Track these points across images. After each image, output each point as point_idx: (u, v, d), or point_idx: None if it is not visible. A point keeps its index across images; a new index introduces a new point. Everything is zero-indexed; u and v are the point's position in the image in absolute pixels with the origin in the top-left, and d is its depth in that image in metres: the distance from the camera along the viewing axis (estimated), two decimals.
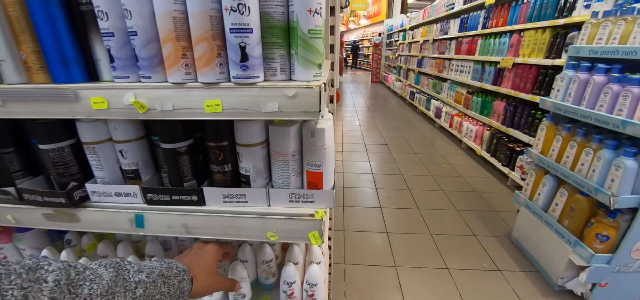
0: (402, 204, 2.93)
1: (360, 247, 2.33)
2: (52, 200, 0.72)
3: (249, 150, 0.68)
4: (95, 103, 0.60)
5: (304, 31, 0.55)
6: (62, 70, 0.63)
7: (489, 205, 2.92)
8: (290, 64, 0.60)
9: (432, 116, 5.57)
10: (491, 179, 3.42)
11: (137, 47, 0.57)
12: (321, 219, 0.68)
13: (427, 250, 2.33)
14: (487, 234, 2.51)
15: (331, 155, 0.69)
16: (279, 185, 0.71)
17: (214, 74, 0.57)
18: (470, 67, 4.22)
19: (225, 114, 0.57)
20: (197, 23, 0.53)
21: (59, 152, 0.71)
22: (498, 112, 3.57)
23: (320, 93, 0.55)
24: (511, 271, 2.16)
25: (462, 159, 3.99)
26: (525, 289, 1.96)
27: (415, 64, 6.95)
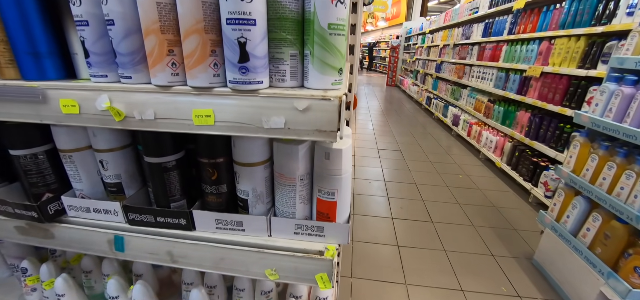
0: (414, 216, 2.76)
1: (369, 260, 2.19)
2: (24, 213, 0.63)
3: (248, 170, 0.56)
4: (65, 106, 0.49)
5: (322, 25, 0.43)
6: (33, 63, 0.53)
7: (508, 222, 2.72)
8: (303, 67, 0.48)
9: (449, 123, 5.35)
10: (511, 194, 3.20)
11: (115, 39, 0.46)
12: (332, 259, 0.55)
13: (441, 268, 2.16)
14: (506, 255, 2.32)
15: (348, 181, 0.56)
16: (282, 214, 0.59)
17: (206, 77, 0.45)
18: (493, 74, 3.99)
19: (218, 127, 0.45)
20: (187, 11, 0.42)
21: (33, 158, 0.61)
22: (522, 123, 3.34)
23: (340, 106, 0.42)
24: (532, 298, 1.97)
25: (479, 170, 3.77)
26: None
27: (434, 68, 6.72)
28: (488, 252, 2.33)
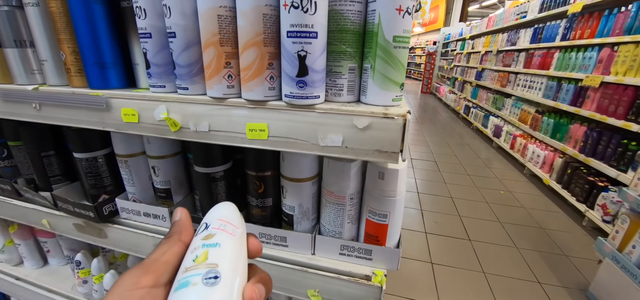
0: (450, 232, 2.60)
1: (400, 276, 2.09)
2: (82, 212, 0.66)
3: (295, 186, 0.54)
4: (126, 115, 0.51)
5: (387, 38, 0.40)
6: (98, 73, 0.56)
7: (557, 247, 2.46)
8: (361, 81, 0.45)
9: (489, 134, 5.01)
10: (561, 216, 2.90)
11: (175, 51, 0.47)
12: (380, 286, 0.51)
13: (479, 291, 2.00)
14: (554, 283, 2.09)
15: (401, 204, 0.52)
16: (328, 232, 0.56)
17: (262, 90, 0.44)
18: (542, 83, 3.67)
19: (271, 142, 0.44)
20: (247, 23, 0.41)
21: (93, 162, 0.65)
22: (576, 138, 3.02)
23: (405, 126, 0.38)
24: None
25: (524, 187, 3.48)
26: None
27: (474, 76, 6.36)
28: (534, 279, 2.12)
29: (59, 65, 0.61)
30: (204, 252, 0.23)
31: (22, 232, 0.96)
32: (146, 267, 0.23)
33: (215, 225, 0.25)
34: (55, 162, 0.72)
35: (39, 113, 0.60)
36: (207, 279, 0.20)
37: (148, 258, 0.24)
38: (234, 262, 0.23)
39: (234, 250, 0.24)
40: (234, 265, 0.23)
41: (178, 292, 0.20)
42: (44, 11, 0.57)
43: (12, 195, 0.77)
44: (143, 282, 0.22)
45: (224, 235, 0.25)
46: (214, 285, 0.20)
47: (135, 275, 0.22)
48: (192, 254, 0.23)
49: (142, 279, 0.22)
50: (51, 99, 0.57)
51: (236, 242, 0.25)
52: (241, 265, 0.24)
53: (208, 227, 0.25)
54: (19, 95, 0.61)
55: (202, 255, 0.22)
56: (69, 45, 0.57)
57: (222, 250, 0.23)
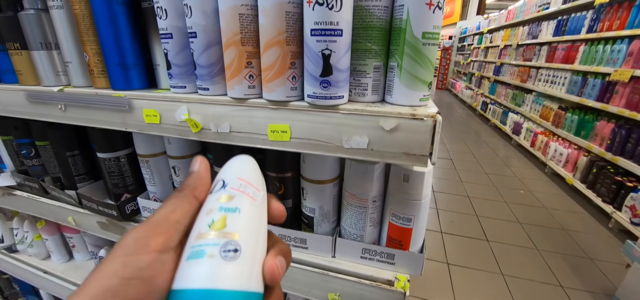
0: (467, 232, 2.53)
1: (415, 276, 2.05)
2: (106, 211, 0.68)
3: (317, 188, 0.53)
4: (148, 116, 0.51)
5: (415, 34, 0.37)
6: (121, 74, 0.57)
7: (581, 249, 2.35)
8: (386, 80, 0.43)
9: (508, 131, 4.84)
10: (585, 217, 2.77)
11: (196, 51, 0.47)
12: (403, 292, 0.50)
13: (497, 293, 1.94)
14: (578, 288, 2.00)
15: (426, 208, 0.50)
16: (349, 235, 0.55)
17: (284, 90, 0.43)
18: (565, 77, 3.50)
19: (294, 144, 0.43)
20: (269, 22, 0.39)
21: (116, 161, 0.66)
22: (602, 135, 2.88)
23: (435, 128, 0.36)
24: None
25: (545, 186, 3.34)
26: None
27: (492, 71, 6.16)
28: (556, 282, 2.04)
29: (82, 66, 0.62)
30: (222, 217, 0.20)
31: (50, 228, 1.00)
32: (154, 227, 0.19)
33: (234, 185, 0.22)
34: (80, 162, 0.73)
35: (64, 114, 0.61)
36: (226, 252, 0.18)
37: (156, 215, 0.21)
38: (255, 232, 0.21)
39: (255, 218, 0.21)
40: (255, 236, 0.20)
41: (191, 261, 0.18)
42: (68, 13, 0.58)
43: (40, 193, 0.80)
44: (152, 245, 0.18)
45: (244, 199, 0.21)
46: (234, 259, 0.18)
47: (143, 237, 0.19)
48: (208, 218, 0.20)
49: (150, 242, 0.19)
50: (76, 100, 0.58)
51: (257, 208, 0.22)
52: (262, 235, 0.21)
53: (225, 186, 0.22)
54: (45, 97, 0.63)
55: (220, 221, 0.20)
56: (92, 46, 0.58)
57: (243, 217, 0.20)
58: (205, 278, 0.17)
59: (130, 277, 0.17)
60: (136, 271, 0.17)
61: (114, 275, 0.17)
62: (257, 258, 0.20)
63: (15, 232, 1.05)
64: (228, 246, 0.18)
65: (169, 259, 0.19)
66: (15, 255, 1.07)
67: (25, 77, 0.69)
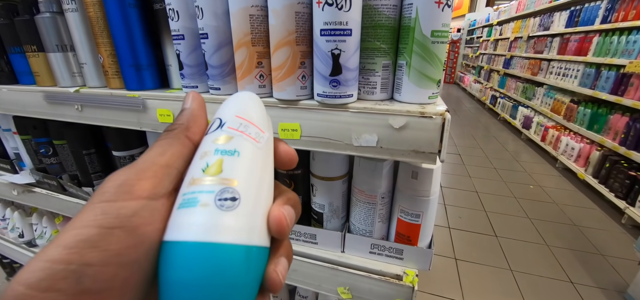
0: (475, 228, 2.52)
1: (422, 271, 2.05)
2: None
3: (326, 184, 0.54)
4: (162, 115, 0.53)
5: (425, 33, 0.38)
6: (134, 75, 0.58)
7: (593, 245, 2.31)
8: (395, 79, 0.43)
9: (518, 126, 4.76)
10: (597, 212, 2.72)
11: (208, 52, 0.48)
12: (412, 286, 0.50)
13: (506, 289, 1.93)
14: (589, 284, 1.97)
15: (435, 204, 0.50)
16: (358, 231, 0.56)
17: (294, 90, 0.44)
18: (578, 70, 3.42)
19: (304, 142, 0.44)
20: (279, 22, 0.40)
21: (130, 159, 0.68)
22: (616, 129, 2.80)
23: (444, 126, 0.37)
24: None
25: (556, 181, 3.28)
26: None
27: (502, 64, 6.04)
28: (566, 278, 2.02)
29: (97, 67, 0.64)
30: (218, 161, 0.17)
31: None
32: (141, 171, 0.17)
33: (232, 124, 0.19)
34: (96, 160, 0.76)
35: (80, 114, 0.63)
36: (222, 200, 0.16)
37: (142, 158, 0.17)
38: (258, 178, 0.18)
39: (258, 163, 0.19)
40: (258, 183, 0.18)
41: (183, 210, 0.16)
42: (82, 16, 0.60)
43: (58, 190, 0.83)
44: (137, 191, 0.16)
45: (244, 140, 0.19)
46: (231, 209, 0.16)
47: (126, 182, 0.16)
48: (202, 161, 0.18)
49: (135, 187, 0.16)
50: (92, 100, 0.60)
51: (261, 150, 0.19)
52: (266, 183, 0.19)
53: (223, 126, 0.19)
54: (62, 97, 0.65)
55: (215, 165, 0.17)
56: (106, 48, 0.60)
57: (242, 161, 0.18)
58: (199, 230, 0.15)
59: (111, 227, 0.14)
60: (118, 219, 0.15)
61: (92, 224, 0.14)
62: (260, 207, 0.18)
63: (35, 228, 1.09)
64: (224, 194, 0.16)
65: (160, 207, 0.16)
66: (34, 249, 1.11)
67: (43, 78, 0.71)
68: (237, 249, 0.15)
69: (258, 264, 0.17)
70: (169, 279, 0.15)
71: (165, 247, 0.16)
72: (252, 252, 0.16)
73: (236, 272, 0.15)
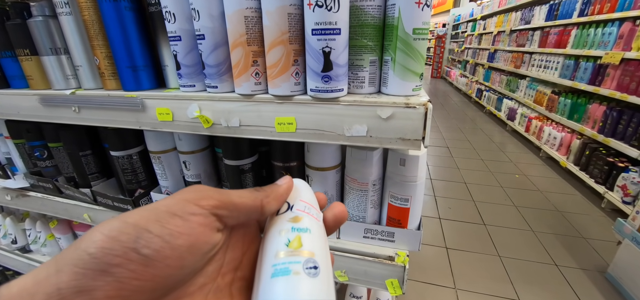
0: (464, 217, 2.60)
1: (415, 260, 2.12)
2: (121, 206, 0.72)
3: (320, 175, 0.57)
4: (161, 114, 0.55)
5: (406, 30, 0.41)
6: (131, 76, 0.60)
7: (575, 229, 2.42)
8: (381, 73, 0.47)
9: (503, 118, 4.91)
10: (579, 198, 2.85)
11: (204, 52, 0.50)
12: (403, 266, 0.54)
13: (494, 274, 2.01)
14: (572, 265, 2.08)
15: (422, 188, 0.54)
16: (352, 217, 0.59)
17: (288, 86, 0.47)
18: (558, 62, 3.55)
19: (299, 134, 0.47)
20: (273, 23, 0.43)
21: (128, 159, 0.69)
22: (594, 118, 2.94)
23: (426, 114, 0.40)
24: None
25: (540, 170, 3.41)
26: None
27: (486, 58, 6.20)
28: (551, 261, 2.12)
29: (92, 69, 0.65)
30: (297, 237, 0.21)
31: (62, 227, 1.04)
32: (211, 192, 0.20)
33: (299, 207, 0.24)
34: (92, 161, 0.77)
35: (78, 115, 0.64)
36: (309, 269, 0.19)
37: (220, 189, 0.21)
38: (325, 249, 0.22)
39: (323, 237, 0.23)
40: (326, 254, 0.22)
41: (278, 278, 0.19)
42: (77, 20, 0.61)
43: (54, 192, 0.84)
44: (203, 202, 0.19)
45: (311, 220, 0.23)
46: (316, 276, 0.19)
47: (196, 191, 0.20)
48: (283, 237, 0.21)
49: (203, 199, 0.19)
50: (90, 102, 0.62)
51: (321, 227, 0.24)
52: (328, 251, 0.23)
53: (292, 209, 0.24)
54: (59, 100, 0.66)
55: (296, 241, 0.21)
56: (102, 50, 0.61)
57: (313, 236, 0.22)
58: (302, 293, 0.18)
59: (174, 213, 0.18)
60: (181, 211, 0.19)
61: (162, 207, 0.18)
62: (330, 273, 0.21)
63: (28, 233, 1.09)
64: (309, 264, 0.19)
65: (213, 223, 0.20)
66: (29, 255, 1.11)
67: (36, 81, 0.71)
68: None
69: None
70: None
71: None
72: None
73: None
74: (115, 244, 0.16)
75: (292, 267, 0.19)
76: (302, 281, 0.18)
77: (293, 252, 0.20)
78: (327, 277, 0.20)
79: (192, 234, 0.18)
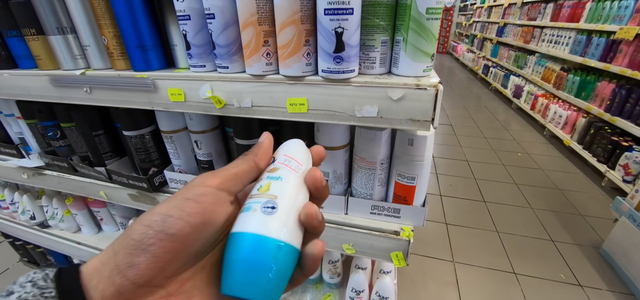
0: (465, 194, 2.64)
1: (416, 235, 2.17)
2: (136, 184, 0.74)
3: (329, 154, 0.59)
4: (173, 95, 0.56)
5: (420, 10, 0.41)
6: (140, 56, 0.60)
7: (573, 207, 2.46)
8: (393, 54, 0.47)
9: (508, 95, 4.83)
10: (580, 177, 2.86)
11: (215, 32, 0.50)
12: (408, 240, 0.57)
13: (492, 249, 2.08)
14: (568, 241, 2.13)
15: (428, 167, 0.56)
16: (359, 195, 0.62)
17: (300, 66, 0.47)
18: (570, 37, 3.44)
19: (311, 115, 0.48)
20: (284, 2, 0.43)
21: (141, 138, 0.71)
22: (602, 96, 2.89)
23: (437, 96, 0.41)
24: (596, 289, 1.80)
25: (543, 148, 3.41)
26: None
27: (495, 32, 6.00)
28: (547, 237, 2.17)
29: (101, 49, 0.65)
30: (267, 183, 0.25)
31: (77, 204, 1.08)
32: (215, 173, 0.25)
33: (281, 160, 0.28)
34: (105, 141, 0.79)
35: (90, 96, 0.65)
36: (265, 208, 0.23)
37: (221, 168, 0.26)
38: (293, 195, 0.25)
39: (294, 185, 0.26)
40: (293, 198, 0.25)
41: (242, 214, 0.24)
42: None
43: (69, 171, 0.86)
44: (208, 182, 0.24)
45: (286, 170, 0.26)
46: (270, 214, 0.23)
47: (203, 177, 0.25)
48: (258, 184, 0.26)
49: (207, 180, 0.24)
50: (101, 83, 0.62)
51: (298, 178, 0.27)
52: (301, 198, 0.26)
53: (275, 161, 0.28)
54: (70, 81, 0.67)
55: (265, 186, 0.25)
56: (110, 30, 0.61)
57: (282, 183, 0.25)
58: (250, 226, 0.22)
59: (188, 198, 0.23)
60: (193, 195, 0.23)
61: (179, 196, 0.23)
62: (293, 215, 0.24)
63: (46, 209, 1.13)
64: (267, 204, 0.23)
65: (222, 196, 0.24)
66: (47, 230, 1.16)
67: (44, 61, 0.71)
68: (273, 242, 0.22)
69: (287, 255, 0.23)
70: (232, 256, 0.22)
71: (232, 237, 0.23)
72: (283, 247, 0.23)
73: (271, 256, 0.22)
74: (149, 230, 0.21)
75: (253, 206, 0.24)
76: (256, 216, 0.23)
77: (259, 194, 0.24)
78: (286, 217, 0.23)
79: (206, 212, 0.23)
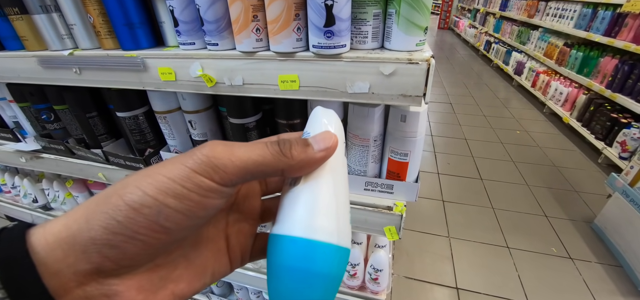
0: (462, 172, 2.67)
1: (412, 212, 2.22)
2: (133, 165, 0.75)
3: None
4: (163, 74, 0.55)
5: None
6: (128, 34, 0.59)
7: (569, 183, 2.49)
8: (385, 27, 0.46)
9: (510, 72, 4.76)
10: (577, 154, 2.88)
11: (202, 7, 0.49)
12: (401, 214, 0.58)
13: (487, 225, 2.13)
14: (561, 216, 2.18)
15: (421, 143, 0.56)
16: (353, 172, 0.62)
17: (290, 42, 0.46)
18: (575, 11, 3.34)
19: (302, 92, 0.47)
20: None
21: (134, 119, 0.71)
22: (604, 72, 2.85)
23: (428, 71, 0.40)
24: (585, 261, 1.86)
25: (542, 126, 3.41)
26: (600, 284, 1.69)
27: (498, 5, 5.81)
28: (541, 213, 2.22)
29: (87, 28, 0.64)
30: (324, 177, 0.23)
31: (78, 186, 1.09)
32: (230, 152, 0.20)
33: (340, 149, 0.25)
34: (100, 122, 0.78)
35: (80, 77, 0.64)
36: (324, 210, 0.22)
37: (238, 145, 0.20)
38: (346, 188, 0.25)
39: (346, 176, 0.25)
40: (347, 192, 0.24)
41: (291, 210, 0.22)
42: None
43: (66, 154, 0.86)
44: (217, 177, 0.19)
45: (341, 161, 0.25)
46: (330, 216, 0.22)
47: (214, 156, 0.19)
48: None
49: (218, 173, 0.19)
50: (89, 63, 0.61)
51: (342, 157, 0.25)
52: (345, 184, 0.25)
53: None
54: (59, 61, 0.65)
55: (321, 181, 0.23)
56: (95, 7, 0.59)
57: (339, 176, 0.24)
58: (318, 234, 0.21)
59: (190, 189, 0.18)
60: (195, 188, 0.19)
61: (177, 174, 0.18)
62: (347, 213, 0.24)
63: (47, 192, 1.14)
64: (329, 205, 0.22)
65: None
66: (51, 212, 1.18)
67: (31, 42, 0.69)
68: (343, 250, 0.22)
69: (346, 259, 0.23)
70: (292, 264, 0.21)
71: (286, 240, 0.21)
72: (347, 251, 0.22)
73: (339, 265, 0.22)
74: (139, 216, 0.17)
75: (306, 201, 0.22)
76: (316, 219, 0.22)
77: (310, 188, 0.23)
78: (344, 219, 0.23)
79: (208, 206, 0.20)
